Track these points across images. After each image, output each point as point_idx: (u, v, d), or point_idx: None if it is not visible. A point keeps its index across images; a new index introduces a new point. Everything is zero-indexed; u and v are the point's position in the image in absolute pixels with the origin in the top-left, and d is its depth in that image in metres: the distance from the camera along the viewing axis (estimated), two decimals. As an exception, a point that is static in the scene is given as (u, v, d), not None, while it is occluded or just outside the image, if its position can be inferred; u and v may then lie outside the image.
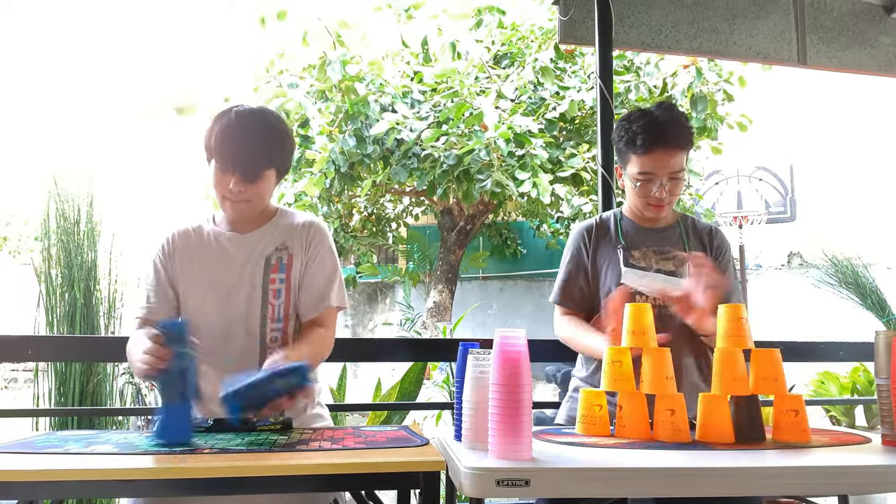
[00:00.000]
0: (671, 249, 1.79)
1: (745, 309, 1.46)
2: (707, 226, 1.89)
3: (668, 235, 1.82)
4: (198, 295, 1.60)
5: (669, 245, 1.80)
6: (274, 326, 1.59)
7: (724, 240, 1.87)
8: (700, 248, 1.81)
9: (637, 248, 1.80)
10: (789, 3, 2.73)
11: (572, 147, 6.50)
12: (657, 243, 1.80)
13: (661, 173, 1.71)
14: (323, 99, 6.54)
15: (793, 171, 10.11)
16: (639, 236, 1.83)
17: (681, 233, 1.83)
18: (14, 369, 10.86)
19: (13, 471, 1.09)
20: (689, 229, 1.86)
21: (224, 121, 1.56)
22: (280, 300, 1.60)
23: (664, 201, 1.74)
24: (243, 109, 1.59)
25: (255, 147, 1.54)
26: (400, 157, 6.50)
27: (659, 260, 1.77)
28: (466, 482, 1.13)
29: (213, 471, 1.14)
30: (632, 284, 1.71)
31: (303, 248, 1.64)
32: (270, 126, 1.58)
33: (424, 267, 11.83)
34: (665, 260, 1.77)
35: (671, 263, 1.77)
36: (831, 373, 5.34)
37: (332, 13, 6.24)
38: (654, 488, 1.16)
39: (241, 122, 1.55)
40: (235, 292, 1.58)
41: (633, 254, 1.79)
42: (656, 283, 1.68)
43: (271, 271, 1.60)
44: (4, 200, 12.63)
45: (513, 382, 1.20)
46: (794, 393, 1.46)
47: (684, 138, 1.72)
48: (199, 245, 1.64)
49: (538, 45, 6.55)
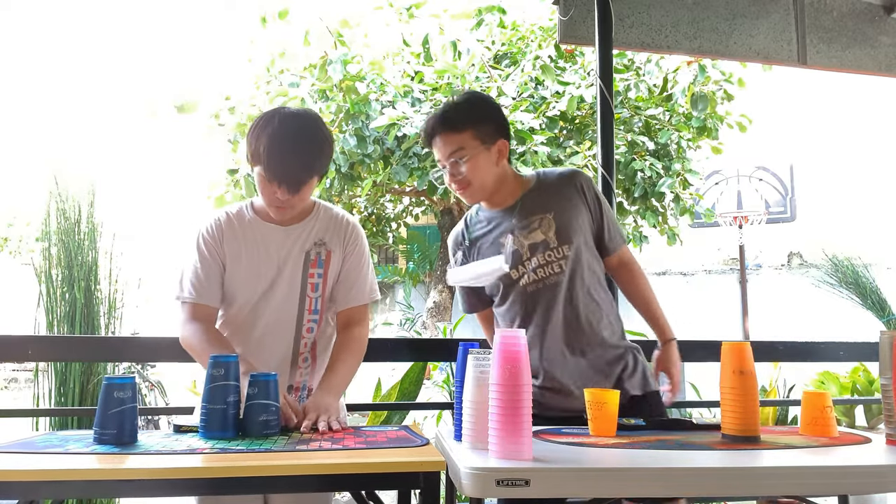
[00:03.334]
0: (529, 218, 1.75)
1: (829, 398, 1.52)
2: (570, 171, 1.83)
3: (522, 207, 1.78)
4: (240, 282, 1.65)
5: (523, 215, 1.77)
6: (311, 318, 1.68)
7: (588, 179, 1.83)
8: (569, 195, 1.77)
9: (501, 233, 1.78)
10: (789, 3, 2.73)
11: (573, 145, 6.50)
12: (519, 221, 1.77)
13: (443, 160, 1.75)
14: (324, 98, 6.54)
15: (793, 171, 10.12)
16: (496, 221, 1.81)
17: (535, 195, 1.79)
18: (14, 369, 10.87)
19: (14, 471, 1.09)
20: (549, 181, 1.82)
21: (269, 130, 1.55)
22: (317, 293, 1.69)
23: (459, 185, 1.74)
24: (287, 115, 1.58)
25: (300, 160, 1.56)
26: (400, 157, 6.50)
27: (527, 235, 1.75)
28: (466, 482, 1.13)
29: (213, 471, 1.14)
30: (456, 283, 1.80)
31: (342, 244, 1.72)
32: (314, 134, 1.59)
33: (424, 267, 11.83)
34: (531, 232, 1.75)
35: (539, 233, 1.74)
36: (831, 373, 5.34)
37: (333, 12, 6.24)
38: (654, 488, 1.17)
39: (286, 131, 1.55)
40: (276, 284, 1.65)
41: (500, 241, 1.77)
42: (476, 270, 1.74)
43: (311, 266, 1.68)
44: (7, 202, 12.64)
45: (513, 382, 1.20)
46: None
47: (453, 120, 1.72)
48: (244, 234, 1.67)
49: (538, 44, 6.55)
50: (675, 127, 6.57)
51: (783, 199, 10.08)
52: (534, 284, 1.73)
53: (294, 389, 1.68)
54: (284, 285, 1.65)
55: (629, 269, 1.86)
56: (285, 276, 1.66)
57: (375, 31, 6.66)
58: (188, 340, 1.62)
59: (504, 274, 1.73)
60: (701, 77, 6.12)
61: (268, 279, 1.65)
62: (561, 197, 1.77)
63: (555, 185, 1.81)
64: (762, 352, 2.39)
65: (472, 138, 1.72)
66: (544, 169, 1.93)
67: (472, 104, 1.78)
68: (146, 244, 8.56)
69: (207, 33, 12.08)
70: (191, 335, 1.61)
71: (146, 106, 12.55)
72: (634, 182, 6.38)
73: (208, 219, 1.70)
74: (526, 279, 1.74)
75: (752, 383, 1.39)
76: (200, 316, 1.63)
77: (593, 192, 1.81)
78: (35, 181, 7.79)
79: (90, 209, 3.60)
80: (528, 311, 1.74)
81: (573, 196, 1.78)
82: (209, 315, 1.65)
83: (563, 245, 1.72)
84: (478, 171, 1.73)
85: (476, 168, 1.73)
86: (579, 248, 1.74)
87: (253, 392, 1.38)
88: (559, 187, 1.80)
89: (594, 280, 1.77)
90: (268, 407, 1.38)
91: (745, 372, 1.39)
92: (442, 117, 1.74)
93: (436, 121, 1.75)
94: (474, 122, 1.73)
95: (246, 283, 1.65)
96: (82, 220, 3.55)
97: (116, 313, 3.59)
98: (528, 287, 1.73)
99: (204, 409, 1.36)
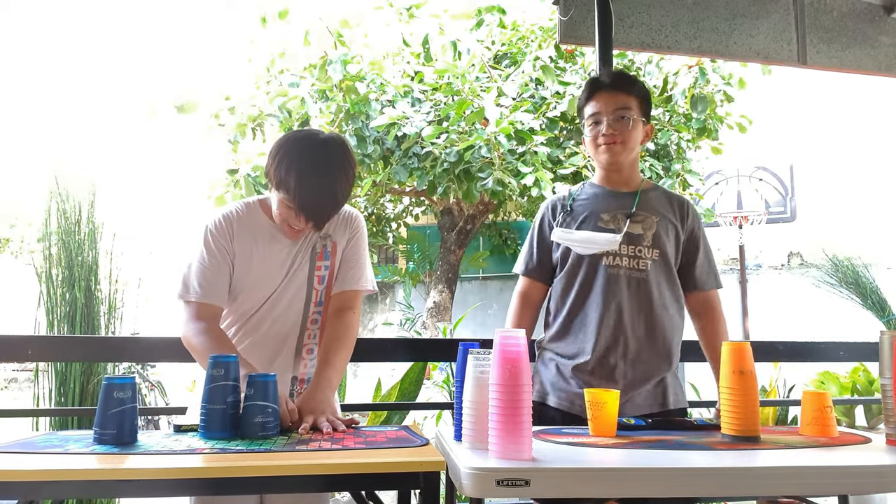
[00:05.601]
0: (640, 212, 1.81)
1: (829, 398, 1.53)
2: (680, 197, 1.91)
3: (641, 199, 1.84)
4: (250, 283, 1.64)
5: (638, 207, 1.82)
6: (315, 309, 1.69)
7: (698, 214, 1.91)
8: (671, 214, 1.84)
9: (606, 210, 1.83)
10: (789, 3, 2.73)
11: (573, 146, 6.50)
12: (625, 206, 1.82)
13: (606, 113, 1.79)
14: (324, 98, 6.53)
15: (793, 171, 10.11)
16: (606, 200, 1.86)
17: (650, 196, 1.86)
18: (14, 369, 10.87)
19: (14, 471, 1.09)
20: (661, 193, 1.89)
21: (299, 164, 1.52)
22: (323, 285, 1.69)
23: (610, 139, 1.79)
24: (316, 146, 1.54)
25: (331, 198, 1.56)
26: (400, 157, 6.50)
27: (628, 222, 1.79)
28: (466, 482, 1.13)
29: (214, 471, 1.14)
30: (560, 241, 1.82)
31: (345, 233, 1.72)
32: (345, 169, 1.57)
33: (424, 267, 11.83)
34: (634, 223, 1.79)
35: (640, 226, 1.79)
36: (831, 373, 5.34)
37: (333, 12, 6.24)
38: (654, 488, 1.16)
39: (318, 166, 1.53)
40: (285, 284, 1.65)
41: (602, 217, 1.82)
42: (589, 236, 1.78)
43: (317, 258, 1.68)
44: (8, 203, 12.64)
45: (513, 382, 1.20)
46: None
47: (626, 82, 1.84)
48: (254, 233, 1.66)
49: (538, 44, 6.55)
50: (675, 127, 6.57)
51: (783, 199, 10.07)
52: (616, 269, 1.76)
53: (299, 381, 1.68)
54: (293, 284, 1.65)
55: (714, 315, 1.86)
56: (295, 275, 1.66)
57: (375, 31, 6.66)
58: (190, 340, 1.58)
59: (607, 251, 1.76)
60: (701, 80, 6.12)
61: (277, 280, 1.64)
62: (669, 210, 1.85)
63: (668, 199, 1.89)
64: (762, 352, 2.39)
65: (638, 106, 1.81)
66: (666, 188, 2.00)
67: (638, 82, 1.88)
68: (146, 244, 8.56)
69: (207, 33, 12.07)
70: (193, 334, 1.57)
71: (146, 106, 12.54)
72: (634, 182, 6.38)
73: (216, 214, 1.67)
74: (609, 260, 1.77)
75: (752, 383, 1.39)
76: (205, 315, 1.60)
77: (696, 224, 1.88)
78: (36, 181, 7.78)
79: (90, 209, 3.60)
80: (601, 292, 1.76)
81: (675, 216, 1.85)
82: (214, 314, 1.62)
83: (654, 249, 1.77)
84: (631, 136, 1.80)
85: (632, 132, 1.80)
86: (666, 259, 1.79)
87: (250, 393, 1.37)
88: (671, 204, 1.87)
89: (671, 296, 1.80)
90: (265, 408, 1.36)
91: (745, 372, 1.39)
92: (618, 75, 1.87)
93: (609, 76, 1.85)
94: (642, 95, 1.84)
95: (256, 284, 1.64)
96: (83, 220, 3.55)
97: (116, 313, 3.58)
98: (611, 269, 1.76)
99: (204, 409, 1.36)
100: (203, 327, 1.57)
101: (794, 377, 4.76)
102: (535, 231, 1.93)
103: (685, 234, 1.84)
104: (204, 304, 1.59)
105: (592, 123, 1.82)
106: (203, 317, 1.59)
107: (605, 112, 1.79)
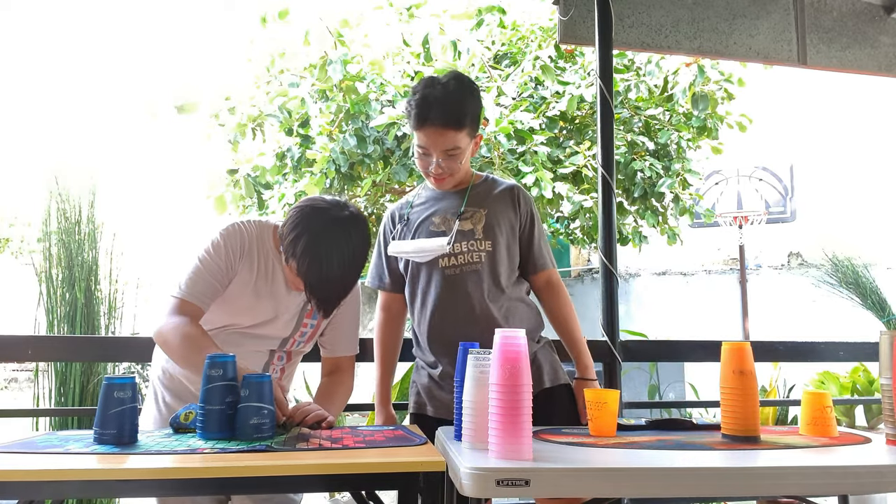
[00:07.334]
0: (468, 208, 1.81)
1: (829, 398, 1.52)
2: (509, 183, 1.89)
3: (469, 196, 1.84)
4: (235, 309, 1.64)
5: (467, 204, 1.82)
6: (299, 340, 1.73)
7: (529, 198, 1.90)
8: (501, 203, 1.83)
9: (437, 213, 1.83)
10: (789, 3, 2.73)
11: (573, 145, 6.50)
12: (455, 206, 1.82)
13: (434, 150, 1.74)
14: (324, 98, 6.53)
15: (793, 171, 10.10)
16: (437, 203, 1.86)
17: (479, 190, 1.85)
18: (14, 369, 10.87)
19: (14, 470, 1.09)
20: (490, 184, 1.89)
21: (311, 252, 1.49)
22: (303, 339, 1.74)
23: (442, 176, 1.77)
24: (338, 233, 1.51)
25: (344, 289, 1.56)
26: (400, 157, 6.50)
27: (458, 222, 1.79)
28: (466, 482, 1.13)
29: (213, 471, 1.14)
30: (397, 254, 1.82)
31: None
32: (362, 257, 1.56)
33: (424, 267, 11.79)
34: (464, 220, 1.80)
35: (469, 222, 1.80)
36: (831, 373, 5.34)
37: (333, 12, 6.24)
38: (654, 488, 1.17)
39: (334, 259, 1.50)
40: (266, 325, 1.66)
41: (433, 221, 1.82)
42: (420, 245, 1.78)
43: (306, 316, 1.72)
44: (8, 203, 12.63)
45: (513, 382, 1.20)
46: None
47: (453, 117, 1.70)
48: (259, 265, 1.65)
49: (538, 44, 6.55)
50: (675, 127, 6.58)
51: (783, 199, 10.06)
52: (452, 269, 1.77)
53: None
54: (275, 325, 1.68)
55: (556, 292, 1.88)
56: (278, 322, 1.68)
57: (375, 31, 6.66)
58: (164, 334, 1.54)
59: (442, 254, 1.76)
60: (700, 78, 6.12)
61: (263, 317, 1.66)
62: (498, 200, 1.84)
63: (497, 188, 1.87)
64: (762, 352, 2.39)
65: (467, 135, 1.75)
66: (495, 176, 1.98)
67: (470, 93, 1.77)
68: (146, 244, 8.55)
69: (207, 33, 12.07)
70: (170, 329, 1.53)
71: (146, 106, 12.54)
72: (634, 182, 6.38)
73: (233, 225, 1.65)
74: (445, 262, 1.77)
75: (752, 383, 1.39)
76: (186, 312, 1.57)
77: (528, 208, 1.87)
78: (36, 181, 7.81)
79: (90, 209, 3.60)
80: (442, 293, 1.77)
81: (508, 203, 1.84)
82: (195, 313, 1.59)
83: (486, 241, 1.78)
84: (462, 166, 1.79)
85: (462, 163, 1.78)
86: (499, 248, 1.79)
87: (245, 394, 1.35)
88: (500, 193, 1.86)
89: (510, 281, 1.81)
90: (260, 410, 1.35)
91: (745, 372, 1.39)
92: (445, 110, 1.70)
93: (438, 111, 1.69)
94: (472, 118, 1.75)
95: (242, 311, 1.64)
96: (83, 220, 3.55)
97: (116, 313, 3.59)
98: (447, 270, 1.77)
99: (202, 410, 1.36)
100: (181, 322, 1.54)
101: (794, 377, 4.76)
102: (381, 243, 1.92)
103: (519, 219, 1.85)
104: (187, 303, 1.58)
105: (422, 154, 1.77)
106: (183, 313, 1.57)
107: (433, 149, 1.73)
